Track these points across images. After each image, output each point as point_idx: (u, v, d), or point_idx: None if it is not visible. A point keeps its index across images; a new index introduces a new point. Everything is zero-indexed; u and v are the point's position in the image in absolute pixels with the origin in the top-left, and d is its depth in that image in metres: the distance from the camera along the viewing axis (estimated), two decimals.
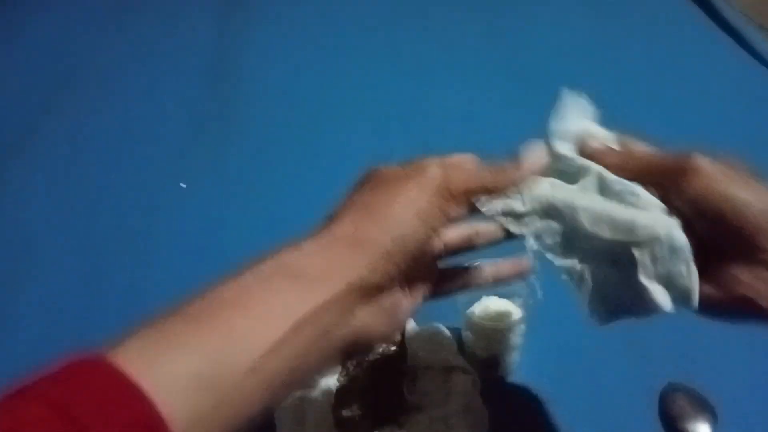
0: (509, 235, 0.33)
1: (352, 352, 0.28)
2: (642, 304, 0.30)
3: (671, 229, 0.29)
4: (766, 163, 0.74)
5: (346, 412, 0.45)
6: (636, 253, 0.29)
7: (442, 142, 0.73)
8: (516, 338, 0.49)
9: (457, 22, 0.94)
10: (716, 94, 0.80)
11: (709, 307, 0.29)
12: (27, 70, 0.88)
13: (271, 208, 0.65)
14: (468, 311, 0.48)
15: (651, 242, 0.29)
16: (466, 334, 0.49)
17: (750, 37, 0.87)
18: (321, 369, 0.28)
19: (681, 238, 0.29)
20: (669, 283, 0.29)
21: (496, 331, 0.47)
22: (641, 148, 0.32)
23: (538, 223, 0.31)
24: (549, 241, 0.32)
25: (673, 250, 0.29)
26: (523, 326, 0.48)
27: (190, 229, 0.63)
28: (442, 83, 0.83)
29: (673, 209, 0.30)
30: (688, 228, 0.29)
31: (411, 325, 0.51)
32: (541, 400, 0.48)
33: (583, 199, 0.31)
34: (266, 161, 0.71)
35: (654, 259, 0.29)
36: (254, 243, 0.64)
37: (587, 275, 0.31)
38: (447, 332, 0.50)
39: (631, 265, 0.29)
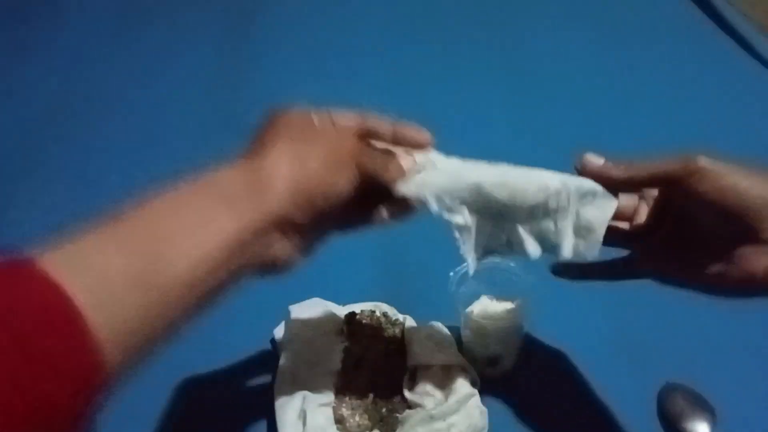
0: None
1: (263, 273, 0.31)
2: (517, 250, 0.37)
3: (548, 196, 0.36)
4: (764, 162, 0.74)
5: (346, 411, 0.46)
6: (519, 213, 0.36)
7: (444, 146, 0.73)
8: (515, 337, 0.49)
9: (459, 30, 0.94)
10: (716, 94, 0.80)
11: (723, 285, 0.34)
12: (35, 77, 0.88)
13: None
14: (467, 310, 0.48)
15: (532, 206, 0.36)
16: (466, 333, 0.49)
17: (750, 38, 0.87)
18: (235, 284, 0.30)
19: (554, 203, 0.36)
20: (541, 237, 0.37)
21: (495, 329, 0.47)
22: (636, 163, 0.37)
23: (441, 190, 0.37)
24: (447, 201, 0.37)
25: (546, 212, 0.36)
26: (522, 325, 0.48)
27: None
28: (445, 90, 0.83)
29: (678, 207, 0.35)
30: (693, 221, 0.34)
31: (411, 324, 0.51)
32: (539, 398, 0.48)
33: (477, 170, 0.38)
34: None
35: (532, 218, 0.37)
36: None
37: (473, 227, 0.37)
38: (446, 331, 0.50)
39: (513, 220, 0.37)
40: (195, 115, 0.79)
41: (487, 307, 0.49)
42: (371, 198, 0.34)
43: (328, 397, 0.46)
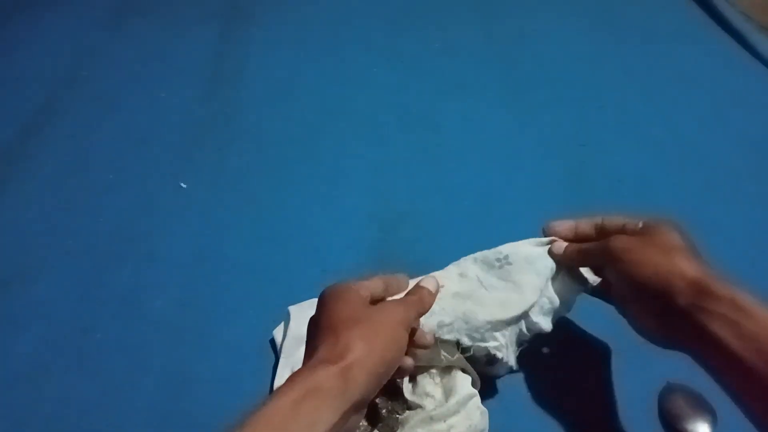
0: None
1: None
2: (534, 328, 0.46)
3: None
4: (764, 163, 0.74)
5: None
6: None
7: (441, 146, 0.73)
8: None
9: (457, 29, 0.94)
10: (716, 94, 0.80)
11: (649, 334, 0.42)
12: (30, 71, 0.88)
13: (271, 209, 0.65)
14: None
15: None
16: None
17: (750, 37, 0.87)
18: None
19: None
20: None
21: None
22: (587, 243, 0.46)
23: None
24: (476, 335, 0.45)
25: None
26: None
27: (190, 229, 0.63)
28: (441, 87, 0.83)
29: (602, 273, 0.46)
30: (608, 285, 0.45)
31: None
32: (540, 399, 0.48)
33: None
34: (266, 162, 0.71)
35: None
36: (254, 243, 0.64)
37: (509, 343, 0.46)
38: None
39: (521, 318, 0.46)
40: (192, 112, 0.79)
41: None
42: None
43: None
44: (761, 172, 0.68)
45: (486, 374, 0.48)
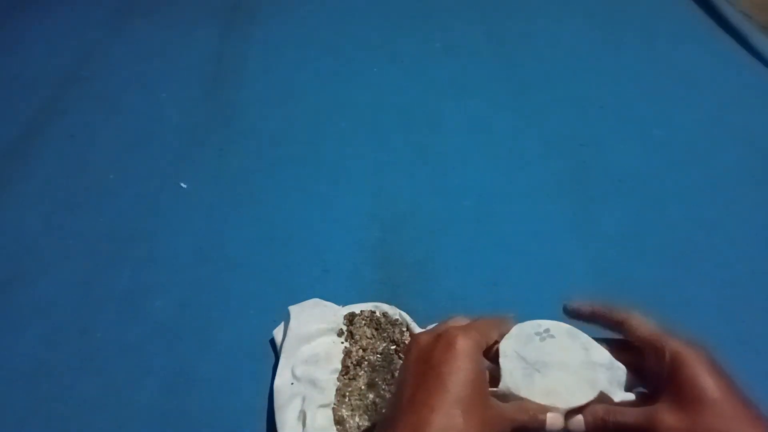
0: None
1: None
2: None
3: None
4: (764, 162, 0.74)
5: (346, 412, 0.46)
6: None
7: (442, 146, 0.73)
8: None
9: (458, 29, 0.94)
10: (716, 94, 0.80)
11: None
12: (30, 71, 0.88)
13: (271, 209, 0.65)
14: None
15: None
16: None
17: (750, 37, 0.87)
18: None
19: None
20: None
21: None
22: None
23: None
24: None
25: None
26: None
27: (191, 229, 0.63)
28: (442, 87, 0.83)
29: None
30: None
31: (412, 325, 0.51)
32: None
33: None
34: (266, 162, 0.71)
35: None
36: (254, 243, 0.64)
37: None
38: None
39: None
40: (192, 112, 0.79)
41: None
42: None
43: (328, 397, 0.46)
44: (761, 172, 0.68)
45: None
